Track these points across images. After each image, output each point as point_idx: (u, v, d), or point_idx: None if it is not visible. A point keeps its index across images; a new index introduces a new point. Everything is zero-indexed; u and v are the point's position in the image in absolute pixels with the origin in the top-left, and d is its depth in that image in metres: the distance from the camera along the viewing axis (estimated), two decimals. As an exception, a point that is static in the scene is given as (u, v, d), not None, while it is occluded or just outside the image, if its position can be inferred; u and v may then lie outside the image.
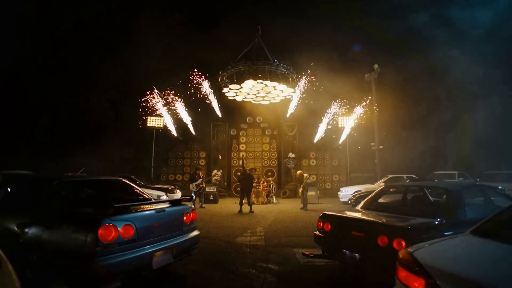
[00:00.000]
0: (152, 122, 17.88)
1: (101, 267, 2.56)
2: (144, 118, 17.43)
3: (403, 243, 2.76)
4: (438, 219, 3.22)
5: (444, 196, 3.63)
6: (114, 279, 2.66)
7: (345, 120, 17.14)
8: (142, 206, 3.09)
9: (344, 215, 3.62)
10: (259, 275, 3.68)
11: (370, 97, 17.39)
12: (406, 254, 1.60)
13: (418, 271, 1.44)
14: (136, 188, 4.36)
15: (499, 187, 10.66)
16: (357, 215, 3.64)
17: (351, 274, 3.62)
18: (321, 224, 3.83)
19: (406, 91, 20.09)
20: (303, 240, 5.28)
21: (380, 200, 4.57)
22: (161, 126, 17.41)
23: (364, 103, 17.05)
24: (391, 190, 5.06)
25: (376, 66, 19.35)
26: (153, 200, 4.11)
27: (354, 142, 18.41)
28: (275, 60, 11.37)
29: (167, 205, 3.41)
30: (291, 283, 3.50)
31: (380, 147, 19.29)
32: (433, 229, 2.96)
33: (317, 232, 3.91)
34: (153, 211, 3.15)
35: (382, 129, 18.88)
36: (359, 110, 17.12)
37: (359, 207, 4.22)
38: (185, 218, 3.55)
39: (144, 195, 4.20)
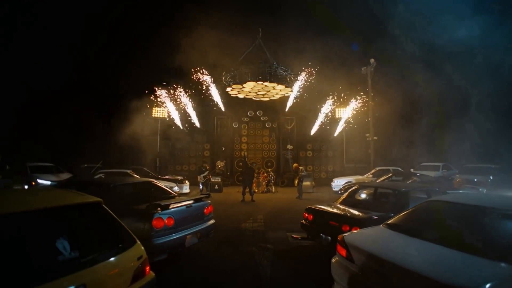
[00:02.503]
0: (157, 112, 19.08)
1: (154, 245, 3.85)
2: (150, 109, 18.63)
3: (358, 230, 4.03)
4: (390, 214, 4.48)
5: (395, 195, 4.88)
6: (162, 253, 3.97)
7: (341, 111, 18.33)
8: (177, 203, 4.35)
9: (322, 209, 4.89)
10: (259, 252, 5.01)
11: (366, 89, 18.51)
12: (341, 236, 2.85)
13: (343, 245, 2.69)
14: (163, 187, 5.62)
15: (475, 179, 11.97)
16: (331, 209, 4.90)
17: (326, 252, 4.93)
18: (306, 215, 5.14)
19: (401, 85, 20.98)
20: (295, 226, 6.57)
21: (357, 196, 5.84)
22: (166, 116, 18.61)
23: (360, 96, 18.17)
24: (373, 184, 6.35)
25: (372, 60, 20.22)
26: (173, 194, 5.40)
27: (349, 133, 19.66)
28: (274, 63, 12.38)
29: (193, 202, 4.67)
30: (283, 258, 4.82)
31: (374, 138, 20.51)
32: (381, 221, 4.21)
33: (303, 221, 5.22)
34: (184, 207, 4.42)
35: (377, 121, 20.01)
36: (355, 103, 18.27)
37: (337, 202, 5.49)
38: (205, 210, 4.84)
39: (170, 192, 5.47)
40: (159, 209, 3.99)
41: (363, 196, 5.87)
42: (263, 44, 13.67)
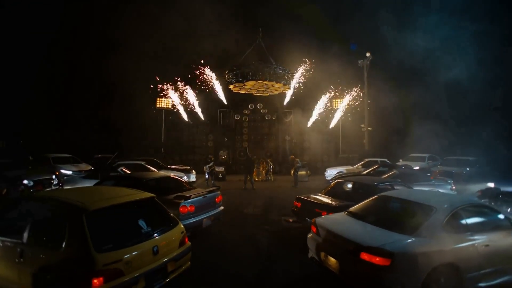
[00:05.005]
0: (161, 103, 20.24)
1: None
2: (155, 100, 19.81)
3: (333, 215, 5.37)
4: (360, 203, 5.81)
5: (365, 187, 6.21)
6: (187, 231, 5.33)
7: (338, 102, 19.57)
8: (196, 194, 5.68)
9: (307, 199, 6.22)
10: (259, 231, 6.41)
11: (363, 82, 19.70)
12: (314, 219, 4.18)
13: (315, 225, 4.02)
14: (180, 179, 6.97)
15: (452, 171, 13.26)
16: (315, 199, 6.24)
17: (309, 232, 6.32)
18: (296, 203, 6.49)
19: (397, 78, 21.93)
20: (288, 211, 7.94)
21: (339, 188, 7.14)
22: (170, 106, 19.76)
23: (356, 88, 19.34)
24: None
25: (368, 53, 21.26)
26: (188, 186, 6.73)
27: (345, 125, 20.93)
28: (273, 63, 13.45)
29: (207, 193, 6.00)
30: (277, 236, 6.23)
31: (369, 129, 21.80)
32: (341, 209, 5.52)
33: (293, 208, 6.57)
34: (201, 197, 5.77)
35: (373, 114, 21.22)
36: (351, 95, 19.47)
37: (321, 193, 6.81)
38: (216, 199, 6.21)
39: (186, 184, 6.80)
40: (183, 199, 5.35)
41: (343, 188, 7.19)
42: (263, 44, 14.66)
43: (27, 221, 3.11)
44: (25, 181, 7.83)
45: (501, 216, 3.78)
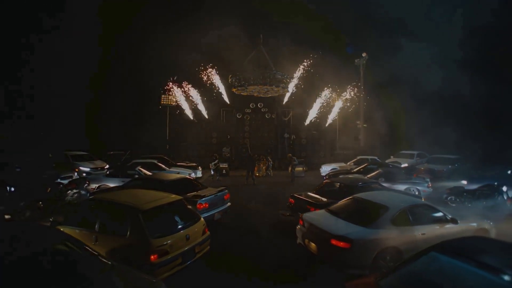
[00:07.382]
0: (165, 99, 21.43)
1: (198, 218, 6.56)
2: (160, 97, 20.99)
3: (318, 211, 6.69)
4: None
5: (348, 187, 7.52)
6: (202, 223, 6.69)
7: (335, 100, 20.80)
8: (209, 193, 7.01)
9: (300, 197, 7.55)
10: (260, 223, 7.77)
11: (359, 80, 20.86)
12: (301, 214, 5.49)
13: (302, 219, 5.34)
14: (195, 180, 8.30)
15: (435, 169, 14.53)
16: (307, 196, 7.55)
17: (302, 223, 7.67)
18: (290, 200, 7.82)
19: (394, 77, 22.96)
20: (284, 206, 9.28)
21: (327, 187, 8.43)
22: (174, 103, 20.93)
23: (352, 87, 20.50)
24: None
25: (364, 54, 22.35)
26: (201, 186, 8.05)
27: (341, 122, 22.19)
28: (273, 69, 14.64)
29: (218, 192, 7.33)
30: (275, 227, 7.59)
31: (364, 125, 23.01)
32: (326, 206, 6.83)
33: (288, 204, 7.91)
34: (213, 195, 7.10)
35: (369, 111, 22.39)
36: (347, 93, 20.67)
37: (312, 192, 8.12)
38: (225, 197, 7.56)
39: (199, 184, 8.13)
40: (199, 198, 6.69)
41: (331, 187, 8.50)
42: (263, 49, 15.80)
43: (96, 217, 4.44)
44: (60, 180, 9.16)
45: (440, 213, 5.09)
